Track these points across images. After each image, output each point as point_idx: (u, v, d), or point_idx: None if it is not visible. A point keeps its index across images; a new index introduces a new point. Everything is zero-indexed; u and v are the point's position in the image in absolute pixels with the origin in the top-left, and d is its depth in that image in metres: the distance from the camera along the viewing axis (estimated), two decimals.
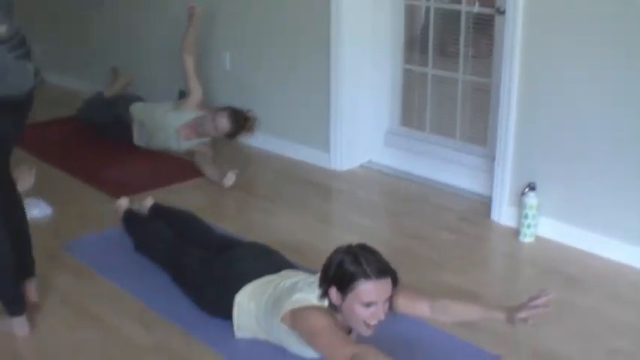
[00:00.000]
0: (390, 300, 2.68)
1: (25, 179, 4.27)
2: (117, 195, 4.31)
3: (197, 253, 3.37)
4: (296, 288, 2.82)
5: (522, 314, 2.60)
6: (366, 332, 2.67)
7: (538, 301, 2.60)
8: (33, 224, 4.08)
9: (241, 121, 4.96)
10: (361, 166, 4.95)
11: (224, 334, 3.05)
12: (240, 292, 3.01)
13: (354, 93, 4.80)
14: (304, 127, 5.05)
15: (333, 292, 2.65)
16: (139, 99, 5.56)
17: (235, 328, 3.02)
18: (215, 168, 4.80)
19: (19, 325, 3.13)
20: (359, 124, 4.87)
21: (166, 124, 5.14)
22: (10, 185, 3.24)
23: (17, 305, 3.13)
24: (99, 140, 5.52)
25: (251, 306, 2.95)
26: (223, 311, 3.06)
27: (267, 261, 3.21)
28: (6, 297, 3.13)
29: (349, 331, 2.77)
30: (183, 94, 5.39)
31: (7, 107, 2.95)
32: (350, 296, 2.61)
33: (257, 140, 5.33)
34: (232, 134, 5.00)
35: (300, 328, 2.70)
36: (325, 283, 2.69)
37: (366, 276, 2.58)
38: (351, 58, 4.73)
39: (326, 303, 2.70)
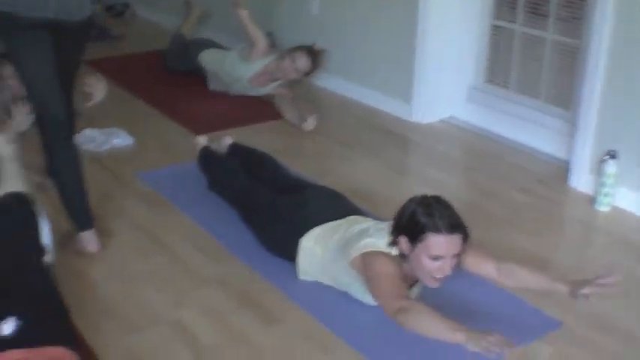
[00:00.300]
0: (459, 257, 2.67)
1: (97, 89, 4.25)
2: (197, 131, 4.38)
3: (268, 194, 3.40)
4: (366, 233, 2.83)
5: (586, 290, 2.56)
6: (432, 284, 2.68)
7: (604, 280, 2.56)
8: (113, 152, 4.24)
9: (317, 56, 5.00)
10: (441, 120, 4.89)
11: (287, 274, 3.09)
12: (306, 235, 3.04)
13: (440, 45, 4.73)
14: (386, 77, 5.01)
15: (403, 240, 2.65)
16: (206, 45, 5.54)
17: (299, 271, 3.05)
18: (295, 111, 4.82)
19: (89, 239, 3.25)
20: (442, 78, 4.80)
21: (238, 76, 5.18)
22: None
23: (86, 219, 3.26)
24: (184, 78, 5.59)
25: (316, 250, 2.98)
26: (288, 253, 3.09)
27: (336, 206, 3.22)
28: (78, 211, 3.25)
29: (415, 281, 2.78)
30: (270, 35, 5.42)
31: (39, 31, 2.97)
32: (419, 247, 2.60)
33: (338, 86, 5.34)
34: (311, 71, 5.06)
35: (365, 272, 2.72)
36: (396, 231, 2.69)
37: (437, 229, 2.57)
38: (438, 8, 4.65)
39: (394, 251, 2.71)
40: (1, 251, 2.69)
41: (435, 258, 2.59)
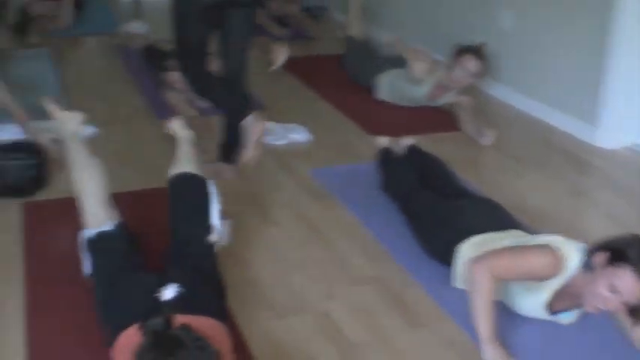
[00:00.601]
0: (633, 308, 2.57)
1: (280, 53, 4.35)
2: (376, 133, 4.44)
3: (433, 198, 3.40)
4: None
5: None
6: (590, 309, 2.57)
7: None
8: (290, 147, 4.36)
9: (484, 54, 4.91)
10: (627, 147, 4.67)
11: (441, 281, 3.08)
12: (466, 242, 3.01)
13: (632, 67, 4.51)
14: (569, 95, 4.84)
15: (603, 255, 2.55)
16: (383, 67, 5.36)
17: (455, 278, 3.03)
18: (474, 123, 4.75)
19: (228, 170, 3.88)
20: (633, 102, 4.59)
21: (414, 97, 5.15)
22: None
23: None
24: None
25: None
26: (447, 258, 3.08)
27: (498, 218, 3.18)
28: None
29: (569, 306, 2.71)
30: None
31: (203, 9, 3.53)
32: (608, 270, 2.51)
33: (513, 99, 5.28)
34: (483, 73, 4.99)
35: None
36: (603, 246, 2.59)
37: (636, 271, 2.46)
38: (633, 24, 4.41)
39: (575, 258, 2.62)
40: (182, 220, 2.89)
41: (613, 290, 2.49)
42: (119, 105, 5.14)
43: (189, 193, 2.99)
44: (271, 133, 4.57)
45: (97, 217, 2.82)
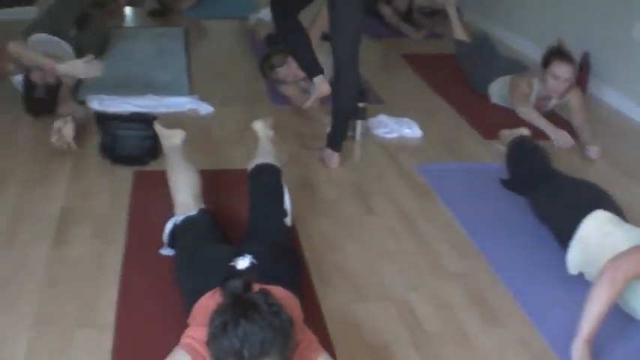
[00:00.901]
0: None
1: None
2: (488, 136, 4.44)
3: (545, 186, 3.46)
4: None
5: None
6: None
7: None
8: (401, 141, 4.40)
9: (568, 54, 4.70)
10: None
11: (527, 283, 3.06)
12: (590, 217, 3.01)
13: None
14: None
15: None
16: (497, 73, 5.25)
17: (570, 264, 3.04)
18: (584, 134, 4.59)
19: (332, 157, 4.04)
20: None
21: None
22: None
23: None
24: None
25: (606, 229, 2.95)
26: (565, 231, 3.10)
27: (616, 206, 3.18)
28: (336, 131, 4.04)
29: None
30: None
31: None
32: None
33: (625, 107, 5.17)
34: (576, 75, 4.80)
35: None
36: None
37: None
38: None
39: None
40: (261, 203, 3.07)
41: None
42: (239, 87, 5.30)
43: (267, 180, 3.20)
44: (384, 126, 4.61)
45: (186, 206, 3.03)
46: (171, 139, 3.62)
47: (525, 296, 2.97)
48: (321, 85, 4.08)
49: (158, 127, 3.79)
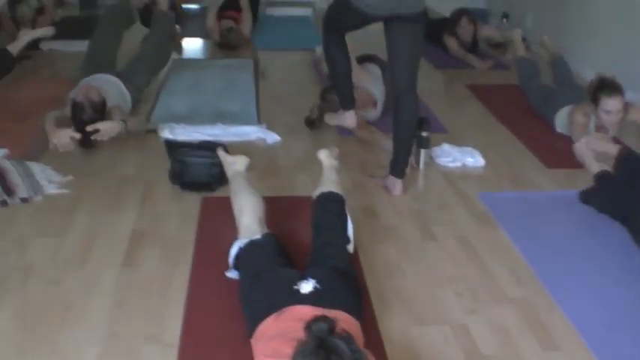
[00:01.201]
0: None
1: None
2: (551, 165, 4.48)
3: None
4: None
5: None
6: None
7: None
8: (464, 170, 4.45)
9: (618, 86, 4.68)
10: None
11: (585, 310, 3.08)
12: None
13: None
14: None
15: None
16: (564, 101, 5.24)
17: None
18: None
19: (395, 184, 4.13)
20: None
21: None
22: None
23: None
24: None
25: None
26: None
27: None
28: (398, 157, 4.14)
29: None
30: None
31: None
32: None
33: None
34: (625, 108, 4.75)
35: None
36: None
37: None
38: None
39: None
40: (325, 230, 3.16)
41: None
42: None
43: (331, 208, 3.28)
44: (447, 155, 4.67)
45: (251, 230, 3.13)
46: (235, 165, 3.76)
47: (584, 323, 2.98)
48: (348, 119, 4.59)
49: (222, 154, 3.93)
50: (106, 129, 4.48)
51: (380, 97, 5.24)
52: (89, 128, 4.43)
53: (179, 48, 7.40)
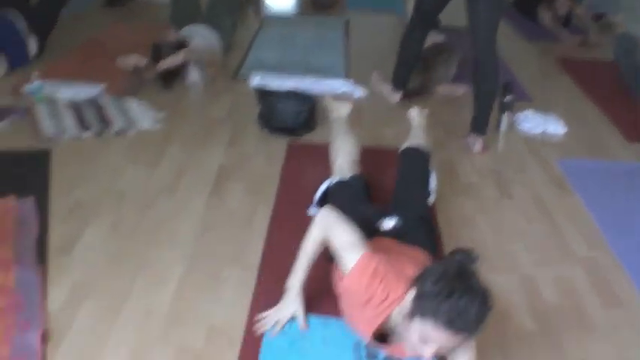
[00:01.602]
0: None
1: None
2: (632, 140, 4.49)
3: None
4: None
5: None
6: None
7: None
8: (545, 137, 4.52)
9: None
10: None
11: None
12: None
13: None
14: None
15: None
16: None
17: None
18: None
19: (476, 142, 4.27)
20: None
21: None
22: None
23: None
24: None
25: None
26: None
27: None
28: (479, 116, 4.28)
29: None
30: None
31: None
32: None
33: None
34: None
35: None
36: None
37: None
38: None
39: None
40: (409, 182, 3.28)
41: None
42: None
43: (417, 161, 3.40)
44: (529, 121, 4.72)
45: (342, 171, 3.29)
46: (339, 110, 3.96)
47: None
48: (394, 97, 4.90)
49: (328, 100, 4.13)
50: (166, 62, 4.83)
51: None
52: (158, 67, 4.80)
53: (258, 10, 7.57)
